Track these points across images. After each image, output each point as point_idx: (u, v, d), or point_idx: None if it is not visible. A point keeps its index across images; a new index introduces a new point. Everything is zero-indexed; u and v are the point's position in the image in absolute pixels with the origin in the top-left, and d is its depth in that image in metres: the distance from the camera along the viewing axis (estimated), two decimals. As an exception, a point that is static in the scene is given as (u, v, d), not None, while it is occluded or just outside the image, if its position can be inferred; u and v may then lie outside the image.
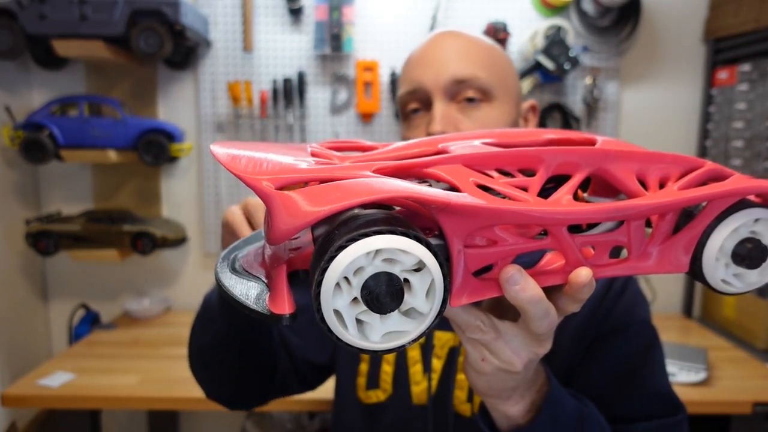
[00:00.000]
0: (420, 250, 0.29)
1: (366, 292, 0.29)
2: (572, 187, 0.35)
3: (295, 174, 0.31)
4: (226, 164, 0.31)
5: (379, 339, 0.31)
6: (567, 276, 0.36)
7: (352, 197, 0.29)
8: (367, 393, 0.76)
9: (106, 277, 1.90)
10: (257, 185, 0.30)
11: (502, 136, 0.44)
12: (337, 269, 0.28)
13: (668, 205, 0.35)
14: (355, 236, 0.28)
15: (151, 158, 1.66)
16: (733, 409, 1.27)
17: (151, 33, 1.51)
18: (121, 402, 1.31)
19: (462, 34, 0.72)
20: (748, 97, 1.58)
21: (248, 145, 0.36)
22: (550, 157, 0.36)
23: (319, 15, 1.73)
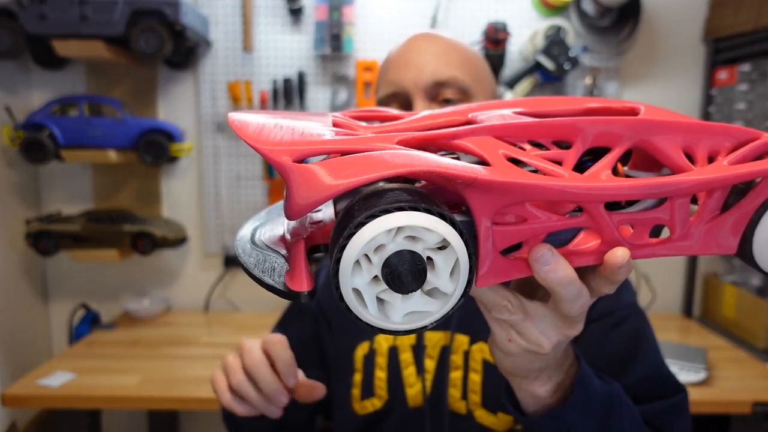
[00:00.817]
0: (444, 228, 0.27)
1: (387, 270, 0.27)
2: (612, 161, 0.33)
3: (314, 145, 0.30)
4: (241, 133, 0.30)
5: (400, 319, 0.30)
6: (602, 256, 0.34)
7: (374, 170, 0.27)
8: (363, 403, 0.76)
9: (106, 277, 1.90)
10: (275, 157, 0.28)
11: (537, 104, 0.40)
12: (356, 246, 0.27)
13: (716, 181, 0.32)
14: (375, 212, 0.27)
15: (151, 158, 1.66)
16: (733, 409, 1.27)
17: (151, 33, 1.51)
18: (121, 402, 1.31)
19: (439, 36, 0.73)
20: (748, 97, 1.58)
21: (267, 114, 0.34)
22: (588, 128, 0.33)
23: (319, 15, 1.73)
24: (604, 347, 0.66)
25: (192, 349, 1.56)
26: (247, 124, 0.31)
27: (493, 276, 0.32)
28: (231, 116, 0.33)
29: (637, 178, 0.32)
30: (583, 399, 0.46)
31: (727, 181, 0.32)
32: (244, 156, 1.84)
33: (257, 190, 1.85)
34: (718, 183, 0.32)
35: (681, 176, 0.32)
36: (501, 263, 0.33)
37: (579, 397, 0.45)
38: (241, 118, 0.32)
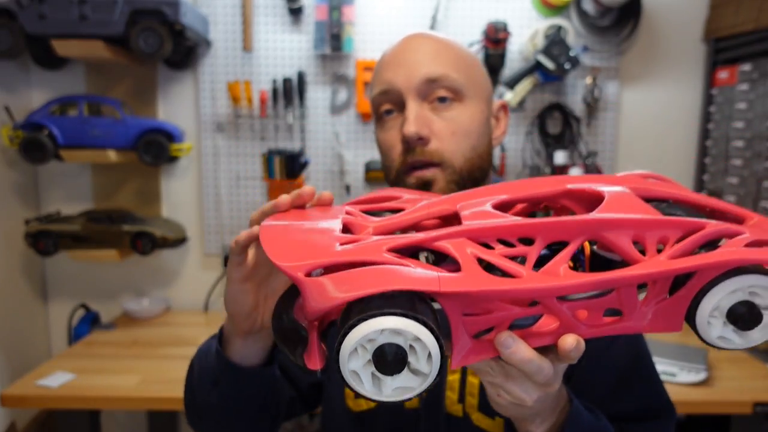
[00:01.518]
0: (418, 328, 0.35)
1: (376, 358, 0.35)
2: (567, 255, 0.39)
3: (323, 258, 0.39)
4: (268, 253, 0.40)
5: (390, 393, 0.37)
6: (562, 333, 0.40)
7: (369, 287, 0.35)
8: (357, 401, 0.75)
9: (106, 277, 1.90)
10: (292, 273, 0.37)
11: (519, 189, 0.47)
12: (351, 341, 0.35)
13: (655, 275, 0.38)
14: (365, 316, 0.35)
15: (151, 158, 1.65)
16: (733, 409, 1.27)
17: (150, 33, 1.51)
18: (121, 402, 1.31)
19: (432, 36, 0.72)
20: (748, 96, 1.58)
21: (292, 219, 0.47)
22: (546, 230, 0.40)
23: (319, 15, 1.73)
24: (603, 364, 0.68)
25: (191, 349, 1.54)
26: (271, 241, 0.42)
27: (468, 357, 0.40)
28: (264, 225, 0.45)
29: (586, 275, 0.38)
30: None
31: (666, 274, 0.38)
32: (244, 156, 1.83)
33: (257, 190, 1.85)
34: (658, 276, 0.38)
35: (622, 272, 0.38)
36: (474, 345, 0.40)
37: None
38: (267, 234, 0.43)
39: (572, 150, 1.83)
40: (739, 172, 1.62)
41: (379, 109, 0.72)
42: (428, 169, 0.67)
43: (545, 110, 1.81)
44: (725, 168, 1.69)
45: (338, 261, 0.39)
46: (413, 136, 0.66)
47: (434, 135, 0.67)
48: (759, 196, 1.53)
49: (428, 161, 0.67)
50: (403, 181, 0.69)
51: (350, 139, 1.83)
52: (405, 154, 0.68)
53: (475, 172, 0.69)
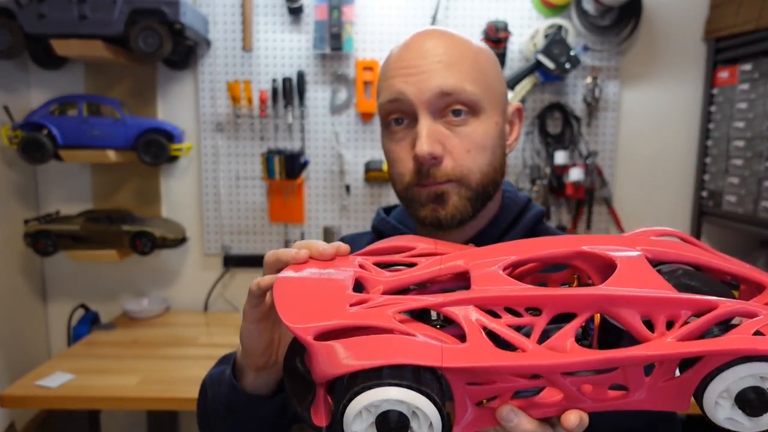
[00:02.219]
0: (421, 400, 0.36)
1: (378, 423, 0.37)
2: (573, 328, 0.39)
3: (333, 321, 0.40)
4: (279, 312, 0.42)
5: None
6: (567, 406, 0.40)
7: (377, 358, 0.37)
8: None
9: (106, 277, 1.89)
10: (302, 335, 0.39)
11: (533, 249, 0.47)
12: (356, 406, 0.37)
13: (661, 357, 0.38)
14: (371, 385, 0.36)
15: (151, 158, 1.65)
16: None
17: (150, 32, 1.51)
18: (121, 402, 1.31)
19: (445, 36, 0.66)
20: (749, 96, 1.58)
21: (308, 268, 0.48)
22: (554, 302, 0.40)
23: (319, 14, 1.72)
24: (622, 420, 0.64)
25: (191, 349, 1.56)
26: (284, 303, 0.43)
27: (473, 425, 0.41)
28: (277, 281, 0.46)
29: (591, 352, 0.38)
30: None
31: (672, 357, 0.37)
32: (244, 156, 1.83)
33: (256, 189, 1.84)
34: (664, 359, 0.38)
35: (630, 351, 0.38)
36: (477, 413, 0.40)
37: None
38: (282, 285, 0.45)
39: (572, 150, 1.82)
40: (740, 172, 1.62)
41: (387, 116, 0.67)
42: (443, 184, 0.64)
43: (545, 110, 1.81)
44: (726, 168, 1.69)
45: (347, 324, 0.40)
46: (426, 156, 0.61)
47: (448, 153, 0.63)
48: (759, 196, 1.53)
49: (442, 182, 0.64)
50: (412, 194, 0.66)
51: (350, 139, 1.82)
52: (417, 172, 0.64)
53: (488, 186, 0.66)
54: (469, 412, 0.40)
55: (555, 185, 1.80)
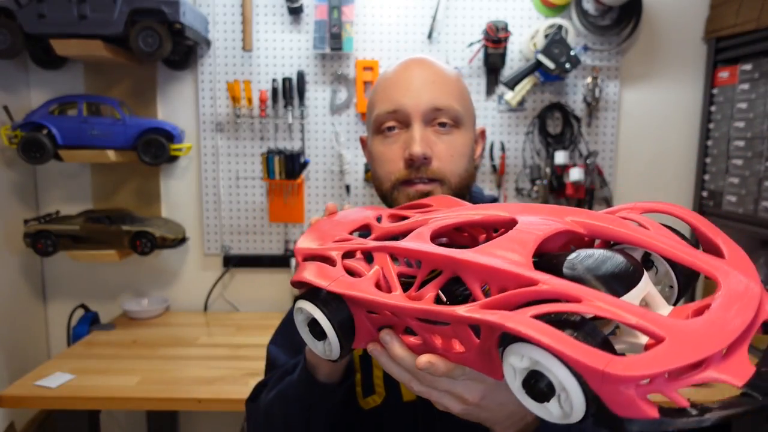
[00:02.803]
0: (316, 312, 0.50)
1: (308, 325, 0.53)
2: (435, 284, 0.46)
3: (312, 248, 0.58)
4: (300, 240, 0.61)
5: (321, 351, 0.54)
6: (422, 349, 0.47)
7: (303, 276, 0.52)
8: (366, 400, 0.81)
9: (105, 277, 1.89)
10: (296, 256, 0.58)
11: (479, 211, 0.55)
12: (295, 308, 0.53)
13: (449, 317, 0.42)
14: (299, 295, 0.53)
15: (150, 158, 1.65)
16: (734, 409, 1.26)
17: (150, 32, 1.51)
18: (120, 402, 1.31)
19: (435, 65, 0.81)
20: (749, 96, 1.58)
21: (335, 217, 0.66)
22: (426, 258, 0.47)
23: (319, 14, 1.72)
24: None
25: (191, 349, 1.55)
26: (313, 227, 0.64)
27: (367, 341, 0.52)
28: (297, 246, 0.60)
29: (420, 303, 0.45)
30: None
31: (454, 318, 0.41)
32: (243, 156, 1.83)
33: (256, 189, 1.84)
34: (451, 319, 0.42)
35: (438, 307, 0.43)
36: (376, 337, 0.51)
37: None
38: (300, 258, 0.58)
39: (572, 150, 1.82)
40: (740, 172, 1.62)
41: (382, 124, 0.79)
42: (428, 184, 0.76)
43: (545, 110, 1.81)
44: (726, 168, 1.69)
45: (317, 253, 0.56)
46: (420, 156, 0.74)
47: (436, 156, 0.76)
48: (759, 196, 1.53)
49: (429, 178, 0.76)
50: (399, 192, 0.77)
51: (350, 139, 1.82)
52: (408, 169, 0.76)
53: (464, 189, 0.79)
54: (369, 333, 0.51)
55: (555, 185, 1.80)
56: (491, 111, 1.82)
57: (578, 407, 0.34)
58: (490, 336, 0.40)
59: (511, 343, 0.37)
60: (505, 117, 1.83)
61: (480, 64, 1.78)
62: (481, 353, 0.42)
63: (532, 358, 0.35)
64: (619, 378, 0.31)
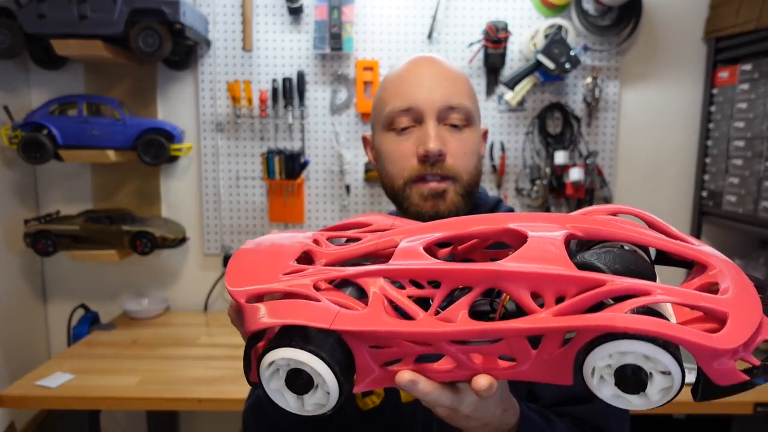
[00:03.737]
0: (309, 359, 0.41)
1: (288, 380, 0.42)
2: (465, 302, 0.42)
3: (263, 287, 0.46)
4: (226, 277, 0.49)
5: (310, 408, 0.43)
6: (461, 374, 0.44)
7: (288, 317, 0.42)
8: (364, 400, 0.81)
9: (105, 277, 1.89)
10: (237, 299, 0.46)
11: (464, 226, 0.50)
12: (264, 366, 0.43)
13: (537, 331, 0.39)
14: (271, 346, 0.42)
15: (151, 158, 1.65)
16: (734, 409, 1.27)
17: (150, 32, 1.51)
18: (121, 402, 1.31)
19: (444, 63, 0.80)
20: (749, 96, 1.58)
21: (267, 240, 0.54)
22: (450, 276, 0.43)
23: (319, 14, 1.72)
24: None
25: (191, 349, 1.55)
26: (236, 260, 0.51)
27: (375, 383, 0.45)
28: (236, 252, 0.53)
29: (473, 323, 0.41)
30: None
31: (547, 331, 0.39)
32: (244, 156, 1.83)
33: (256, 189, 1.84)
34: (539, 332, 0.39)
35: (507, 324, 0.40)
36: (381, 373, 0.44)
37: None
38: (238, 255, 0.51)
39: (572, 150, 1.82)
40: (740, 172, 1.62)
41: (395, 122, 0.78)
42: (442, 182, 0.76)
43: (545, 110, 1.81)
44: (726, 168, 1.69)
45: (272, 290, 0.46)
46: (436, 152, 0.74)
47: (449, 153, 0.76)
48: (759, 196, 1.53)
49: (444, 175, 0.76)
50: (412, 189, 0.77)
51: (350, 139, 1.82)
52: (422, 165, 0.76)
53: (474, 186, 0.79)
54: (372, 371, 0.44)
55: (555, 185, 1.80)
56: (491, 111, 1.82)
57: (677, 386, 0.38)
58: (576, 343, 0.39)
59: (602, 343, 0.37)
60: (505, 117, 1.83)
61: (480, 64, 1.78)
62: (542, 362, 0.41)
63: (631, 352, 0.37)
64: (726, 351, 0.36)
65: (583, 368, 0.39)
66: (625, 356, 0.37)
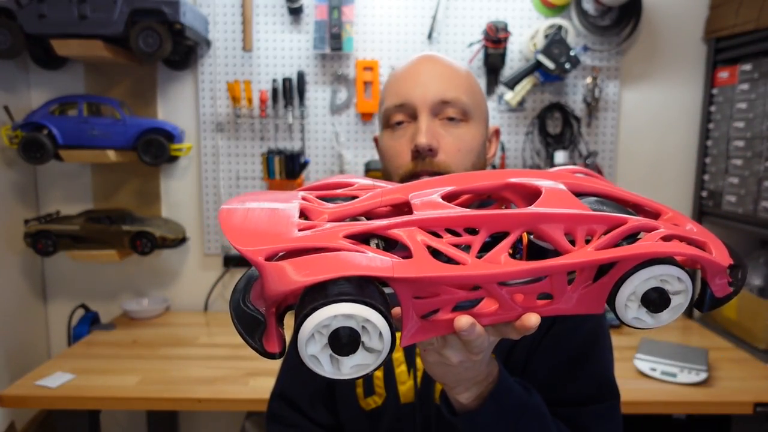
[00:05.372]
0: (367, 312, 0.37)
1: (331, 341, 0.38)
2: (507, 245, 0.43)
3: (283, 244, 0.41)
4: (228, 237, 0.41)
5: (348, 371, 0.40)
6: (503, 316, 0.45)
7: (328, 272, 0.38)
8: (366, 400, 0.81)
9: (106, 277, 1.89)
10: (253, 257, 0.39)
11: (465, 180, 0.51)
12: (307, 329, 0.37)
13: (583, 264, 0.43)
14: (317, 305, 0.37)
15: (151, 158, 1.65)
16: (734, 409, 1.27)
17: (150, 32, 1.51)
18: (121, 402, 1.31)
19: (445, 60, 0.80)
20: (748, 96, 1.58)
21: (248, 200, 0.47)
22: (489, 221, 0.44)
23: (319, 14, 1.72)
24: (562, 352, 0.75)
25: (191, 349, 1.56)
26: (232, 226, 0.43)
27: (417, 336, 0.44)
28: (222, 209, 0.45)
29: (522, 263, 0.43)
30: (495, 408, 0.60)
31: (592, 263, 0.43)
32: (244, 156, 1.83)
33: (256, 189, 1.84)
34: (585, 265, 0.43)
35: (556, 260, 0.42)
36: (422, 325, 0.44)
37: (491, 406, 0.60)
38: (227, 218, 0.43)
39: (572, 150, 1.82)
40: (740, 172, 1.62)
41: (390, 118, 0.78)
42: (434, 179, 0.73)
43: (545, 110, 1.81)
44: (725, 168, 1.69)
45: (297, 246, 0.41)
46: (425, 146, 0.72)
47: (442, 149, 0.74)
48: (759, 196, 1.53)
49: (435, 171, 0.73)
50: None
51: (350, 139, 1.82)
52: (414, 161, 0.74)
53: None
54: (415, 323, 0.43)
55: (555, 185, 1.80)
56: (491, 111, 1.82)
57: (687, 303, 0.45)
58: (617, 272, 0.43)
59: (638, 270, 0.43)
60: (505, 117, 1.83)
61: (480, 64, 1.78)
62: (578, 296, 0.45)
63: (663, 275, 0.43)
64: (725, 267, 0.45)
65: (617, 297, 0.44)
66: (648, 281, 0.43)
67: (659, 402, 1.26)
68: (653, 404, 1.26)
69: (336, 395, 0.86)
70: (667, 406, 1.27)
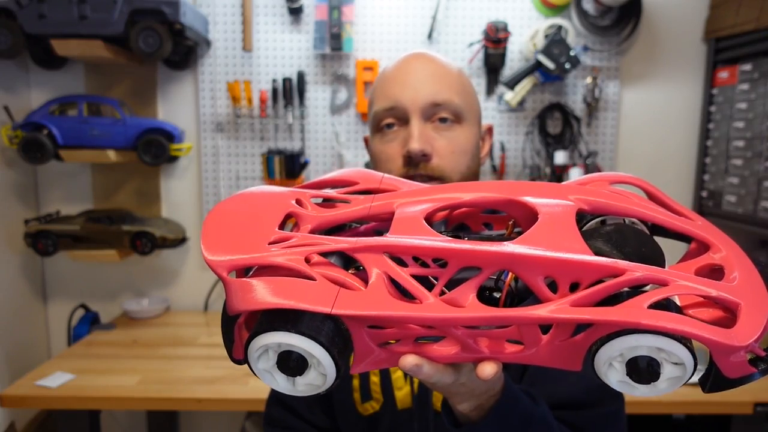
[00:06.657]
0: (305, 343, 0.38)
1: (279, 362, 0.39)
2: (473, 286, 0.40)
3: (248, 257, 0.42)
4: (203, 242, 0.43)
5: (303, 388, 0.41)
6: (467, 357, 0.42)
7: (283, 298, 0.38)
8: (364, 405, 0.80)
9: (106, 277, 1.89)
10: (218, 272, 0.42)
11: (467, 192, 0.47)
12: (253, 348, 0.39)
13: (547, 320, 0.38)
14: (259, 330, 0.38)
15: (151, 158, 1.65)
16: (734, 409, 1.27)
17: (150, 32, 1.51)
18: (121, 402, 1.31)
19: (435, 59, 0.77)
20: (748, 96, 1.58)
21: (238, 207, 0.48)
22: (460, 256, 0.40)
23: (319, 14, 1.72)
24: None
25: (191, 349, 1.56)
26: (209, 237, 0.44)
27: (372, 364, 0.42)
28: (214, 208, 0.47)
29: (484, 309, 0.39)
30: (499, 420, 0.57)
31: (562, 321, 0.38)
32: (244, 156, 1.83)
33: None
34: (553, 322, 0.38)
35: (522, 311, 0.38)
36: (380, 353, 0.42)
37: (495, 418, 0.57)
38: (210, 224, 0.45)
39: (572, 150, 1.82)
40: (740, 172, 1.62)
41: (380, 122, 0.75)
42: (428, 183, 0.70)
43: (545, 110, 1.81)
44: (726, 168, 1.69)
45: (260, 263, 0.41)
46: (418, 153, 0.70)
47: (435, 152, 0.72)
48: (759, 196, 1.53)
49: (430, 176, 0.71)
50: None
51: (350, 139, 1.82)
52: (406, 167, 0.72)
53: None
54: (370, 351, 0.42)
55: (555, 185, 1.80)
56: (491, 111, 1.82)
57: (687, 376, 0.37)
58: (593, 334, 0.38)
59: (620, 336, 0.37)
60: (505, 117, 1.83)
61: (480, 64, 1.78)
62: (552, 348, 0.40)
63: (650, 346, 0.37)
64: (744, 347, 0.36)
65: (595, 358, 0.38)
66: (639, 348, 0.37)
67: (659, 402, 1.26)
68: (653, 404, 1.26)
69: (333, 400, 0.85)
70: (666, 406, 1.27)
